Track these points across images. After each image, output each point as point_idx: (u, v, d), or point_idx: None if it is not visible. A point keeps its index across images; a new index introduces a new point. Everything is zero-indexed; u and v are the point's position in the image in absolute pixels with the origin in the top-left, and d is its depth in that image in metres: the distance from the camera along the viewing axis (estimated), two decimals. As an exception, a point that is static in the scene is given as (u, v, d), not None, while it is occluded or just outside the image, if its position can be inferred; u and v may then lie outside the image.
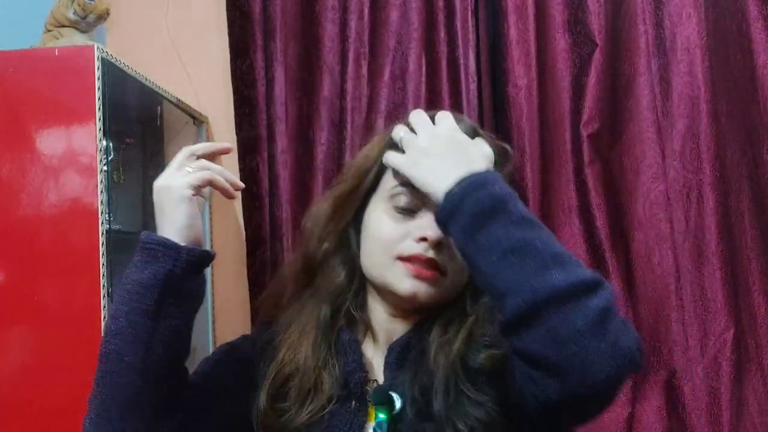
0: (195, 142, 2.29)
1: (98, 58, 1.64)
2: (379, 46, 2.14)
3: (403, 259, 0.85)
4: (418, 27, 2.11)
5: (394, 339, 0.89)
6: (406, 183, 0.85)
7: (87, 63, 1.64)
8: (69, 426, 1.59)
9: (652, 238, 1.99)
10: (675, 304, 1.97)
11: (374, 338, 0.92)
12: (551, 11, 2.06)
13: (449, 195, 0.77)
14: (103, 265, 1.61)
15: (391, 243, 0.86)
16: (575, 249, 2.03)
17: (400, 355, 0.87)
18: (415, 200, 0.85)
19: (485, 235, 0.74)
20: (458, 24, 2.08)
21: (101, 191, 1.62)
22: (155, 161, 2.32)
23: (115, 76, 1.75)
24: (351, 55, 2.13)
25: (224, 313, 2.30)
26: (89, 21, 1.79)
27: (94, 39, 1.82)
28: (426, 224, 0.84)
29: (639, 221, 2.01)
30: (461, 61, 2.07)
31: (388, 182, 0.89)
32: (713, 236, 1.95)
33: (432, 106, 2.10)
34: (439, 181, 0.79)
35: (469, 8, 2.08)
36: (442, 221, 0.78)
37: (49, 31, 1.79)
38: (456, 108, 2.08)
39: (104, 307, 1.60)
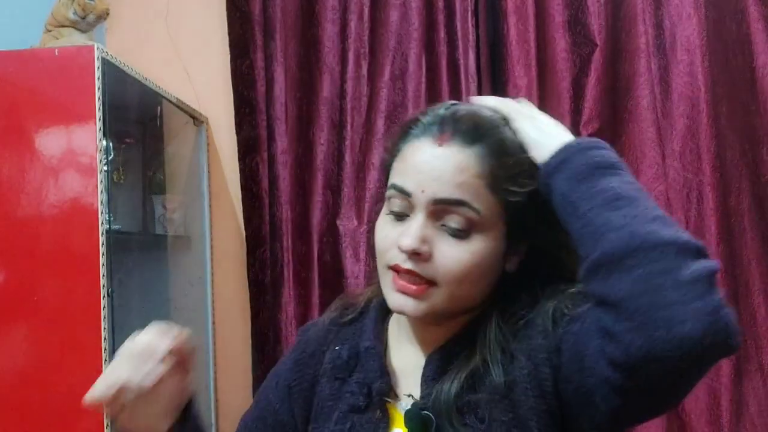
0: (195, 142, 2.31)
1: (98, 58, 1.64)
2: (379, 46, 2.14)
3: (390, 268, 0.79)
4: (418, 27, 2.12)
5: (433, 348, 0.83)
6: (397, 187, 0.79)
7: (87, 63, 1.64)
8: (69, 426, 1.60)
9: (652, 238, 1.99)
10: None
11: (417, 342, 0.86)
12: (551, 11, 2.06)
13: (567, 145, 0.76)
14: (103, 265, 1.61)
15: (383, 250, 0.80)
16: (575, 249, 2.03)
17: (438, 367, 0.80)
18: (406, 204, 0.78)
19: (592, 184, 0.71)
20: (458, 24, 2.08)
21: (101, 191, 1.62)
22: (155, 161, 2.32)
23: (115, 76, 1.75)
24: (351, 55, 2.13)
25: (224, 313, 2.30)
26: (89, 21, 1.79)
27: (94, 39, 1.82)
28: (406, 230, 0.77)
29: (639, 221, 2.01)
30: (461, 61, 2.07)
31: (389, 182, 0.83)
32: (713, 236, 1.95)
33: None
34: (552, 138, 0.78)
35: (469, 8, 2.08)
36: (550, 170, 0.74)
37: (49, 31, 1.79)
38: (456, 108, 2.08)
39: (104, 307, 1.60)
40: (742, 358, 1.95)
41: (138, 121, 2.25)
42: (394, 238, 0.78)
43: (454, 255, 0.76)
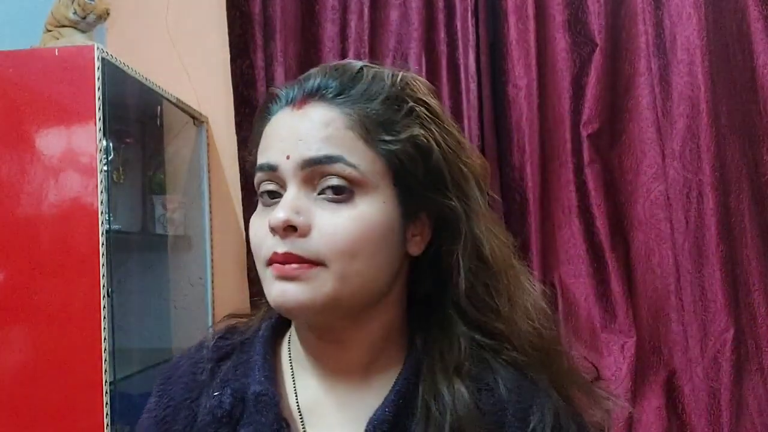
0: (195, 142, 2.31)
1: (98, 58, 1.64)
2: (379, 46, 2.14)
3: (268, 264, 0.65)
4: (418, 27, 2.11)
5: (359, 392, 0.69)
6: (262, 165, 0.67)
7: (87, 63, 1.64)
8: (69, 426, 1.60)
9: (652, 238, 2.00)
10: (675, 304, 1.97)
11: (320, 370, 0.71)
12: (551, 11, 2.06)
13: None
14: (103, 265, 1.61)
15: (258, 245, 0.67)
16: (575, 249, 2.03)
17: None
18: (276, 182, 0.67)
19: None
20: (458, 24, 2.08)
21: (101, 191, 1.62)
22: (155, 161, 2.32)
23: (115, 76, 1.75)
24: (351, 55, 2.13)
25: (224, 313, 2.29)
26: (89, 21, 1.79)
27: (94, 39, 1.82)
28: (275, 208, 0.64)
29: (639, 221, 2.01)
30: (461, 61, 2.07)
31: (255, 171, 0.70)
32: (713, 236, 1.95)
33: (432, 106, 2.10)
34: None
35: (469, 8, 2.08)
36: None
37: (49, 31, 1.79)
38: (456, 108, 2.08)
39: (104, 307, 1.60)
40: (743, 358, 1.95)
41: (138, 121, 2.25)
42: (266, 225, 0.65)
43: (336, 222, 0.63)
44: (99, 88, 1.64)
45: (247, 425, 0.68)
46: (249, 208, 2.17)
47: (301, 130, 0.65)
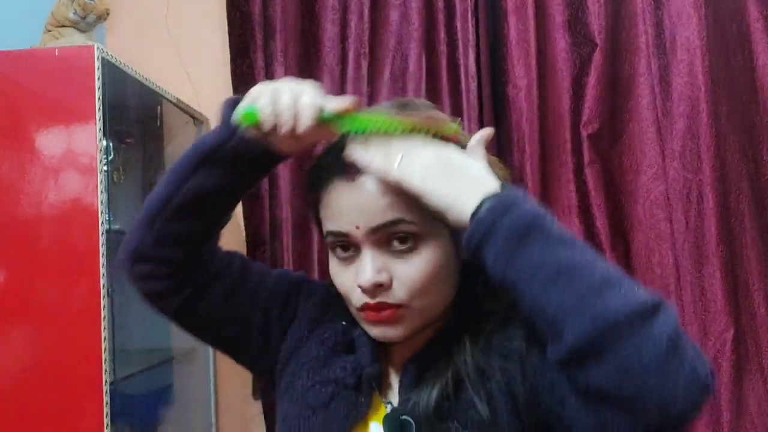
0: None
1: (98, 58, 1.64)
2: (379, 46, 2.14)
3: (360, 310, 0.80)
4: (418, 27, 2.12)
5: (408, 357, 0.83)
6: (334, 233, 0.80)
7: (87, 63, 1.64)
8: (69, 426, 1.60)
9: (652, 238, 2.00)
10: (675, 304, 1.97)
11: (388, 358, 0.87)
12: (551, 11, 2.06)
13: (477, 220, 0.69)
14: (103, 265, 1.61)
15: (348, 295, 0.81)
16: (575, 249, 2.03)
17: (416, 376, 0.81)
18: (349, 244, 0.79)
19: (526, 258, 0.67)
20: (458, 24, 2.08)
21: (101, 191, 1.62)
22: (155, 161, 2.32)
23: (115, 76, 1.75)
24: (351, 55, 2.13)
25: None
26: (89, 21, 1.79)
27: (94, 39, 1.82)
28: (360, 270, 0.78)
29: (639, 221, 2.01)
30: (461, 61, 2.07)
31: (324, 231, 0.83)
32: (713, 236, 1.95)
33: (432, 106, 2.10)
34: (458, 203, 0.71)
35: (469, 8, 2.08)
36: (473, 248, 0.70)
37: (49, 31, 1.79)
38: (456, 108, 2.08)
39: (104, 307, 1.60)
40: (743, 358, 1.95)
41: (138, 121, 2.25)
42: (352, 280, 0.79)
43: (410, 271, 0.77)
44: (99, 88, 1.64)
45: (352, 354, 0.85)
46: (249, 208, 2.18)
47: (362, 202, 0.77)
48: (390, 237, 0.77)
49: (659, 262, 1.99)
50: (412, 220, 0.76)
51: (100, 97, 1.64)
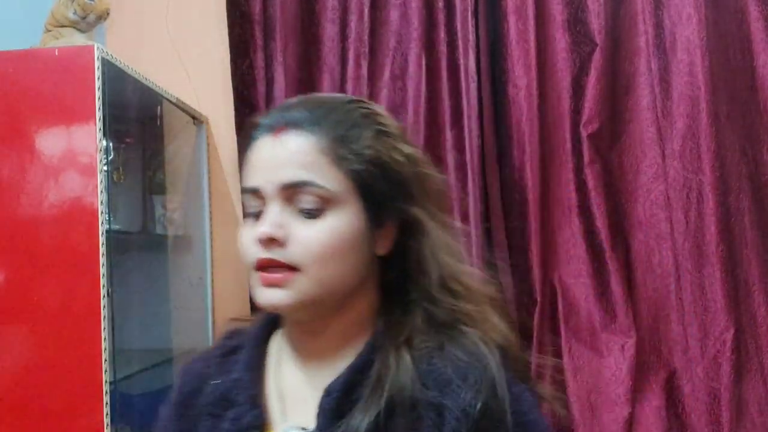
0: (195, 142, 2.31)
1: (98, 58, 1.64)
2: (379, 46, 2.14)
3: (255, 268, 0.77)
4: (418, 27, 2.11)
5: (318, 359, 0.80)
6: (247, 188, 0.79)
7: (87, 63, 1.64)
8: (69, 426, 1.60)
9: (652, 238, 2.00)
10: (675, 304, 1.97)
11: (300, 357, 0.83)
12: (551, 11, 2.06)
13: None
14: (103, 265, 1.61)
15: (245, 253, 0.79)
16: (575, 249, 2.03)
17: (340, 400, 0.75)
18: (260, 202, 0.78)
19: None
20: (458, 24, 2.08)
21: (101, 191, 1.63)
22: (155, 161, 2.32)
23: (115, 76, 1.75)
24: (351, 55, 2.13)
25: (224, 313, 2.30)
26: (89, 21, 1.79)
27: (94, 39, 1.82)
28: (260, 222, 0.77)
29: (639, 221, 2.01)
30: (461, 61, 2.07)
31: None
32: (713, 236, 1.95)
33: (432, 106, 2.10)
34: None
35: (469, 8, 2.08)
36: None
37: (49, 31, 1.79)
38: (456, 108, 2.08)
39: (104, 306, 1.60)
40: (743, 358, 1.95)
41: (138, 121, 2.25)
42: (250, 236, 0.78)
43: (310, 234, 0.76)
44: (99, 88, 1.64)
45: (236, 407, 0.80)
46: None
47: (279, 157, 0.77)
48: (299, 197, 0.76)
49: (659, 262, 1.99)
50: (323, 185, 0.76)
51: (100, 97, 1.64)
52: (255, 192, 0.78)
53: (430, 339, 0.78)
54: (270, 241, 0.75)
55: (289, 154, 0.77)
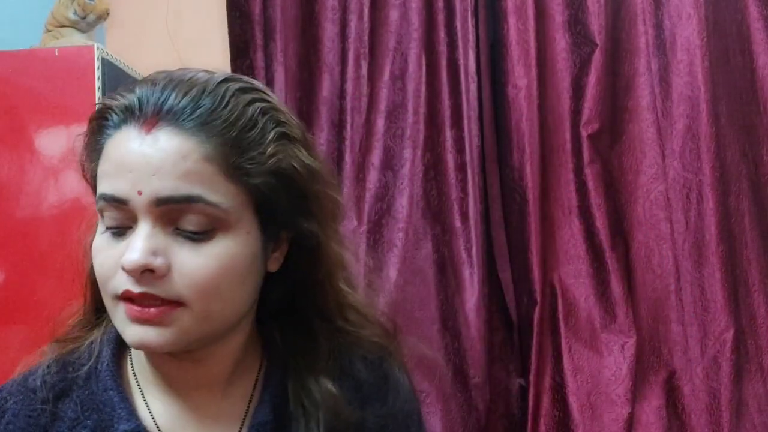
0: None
1: (98, 58, 1.64)
2: (379, 46, 2.14)
3: (119, 298, 0.61)
4: (418, 27, 2.11)
5: (223, 400, 0.68)
6: (107, 196, 0.62)
7: (87, 63, 1.64)
8: (69, 426, 1.60)
9: (652, 238, 2.00)
10: (675, 304, 1.97)
11: (172, 386, 0.68)
12: (551, 11, 2.06)
13: None
14: (103, 265, 1.61)
15: (105, 278, 0.61)
16: (575, 249, 2.03)
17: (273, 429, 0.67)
18: (124, 215, 0.61)
19: None
20: (458, 24, 2.08)
21: (101, 191, 1.62)
22: (155, 161, 2.32)
23: (115, 76, 1.74)
24: (351, 55, 2.13)
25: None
26: (89, 21, 1.79)
27: (94, 39, 1.82)
28: (130, 246, 0.59)
29: (639, 221, 2.01)
30: (461, 61, 2.07)
31: (97, 195, 0.64)
32: (713, 236, 1.95)
33: (432, 106, 2.10)
34: None
35: (469, 8, 2.08)
36: None
37: (49, 31, 1.79)
38: (456, 108, 2.08)
39: (104, 307, 1.60)
40: (743, 358, 1.95)
41: (138, 121, 2.25)
42: (115, 259, 0.60)
43: (196, 263, 0.60)
44: (99, 88, 1.64)
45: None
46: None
47: (154, 163, 0.59)
48: (180, 216, 0.60)
49: (659, 262, 1.99)
50: (216, 201, 0.60)
51: (100, 97, 1.64)
52: (118, 203, 0.60)
53: (330, 358, 0.71)
54: (145, 273, 0.59)
55: (167, 158, 0.59)
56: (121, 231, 0.61)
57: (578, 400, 1.97)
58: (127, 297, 0.60)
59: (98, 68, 1.64)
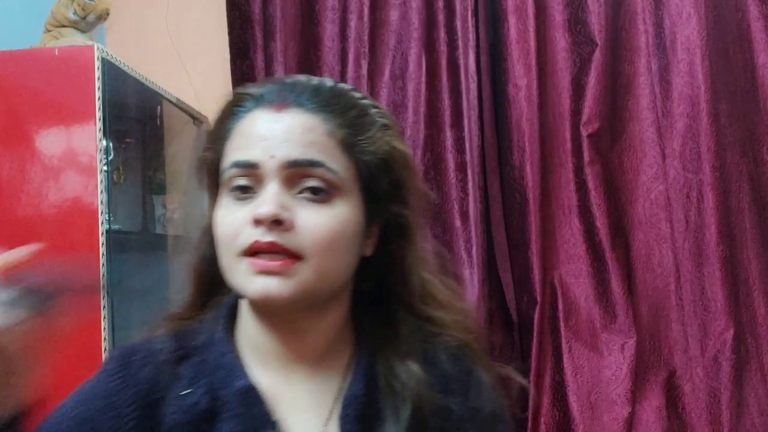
0: (195, 142, 2.30)
1: (98, 58, 1.65)
2: (379, 46, 2.14)
3: (245, 253, 0.67)
4: (418, 27, 2.11)
5: (345, 384, 0.74)
6: (240, 162, 0.69)
7: (87, 63, 1.64)
8: (69, 426, 1.60)
9: (652, 237, 2.00)
10: (675, 304, 1.97)
11: (282, 362, 0.75)
12: (551, 11, 2.06)
13: None
14: (103, 265, 1.61)
15: (231, 236, 0.68)
16: (575, 249, 2.04)
17: (364, 409, 0.72)
18: (253, 179, 0.69)
19: None
20: (458, 24, 2.08)
21: (101, 191, 1.63)
22: (155, 161, 2.32)
23: (115, 76, 1.75)
24: (351, 55, 2.13)
25: (224, 313, 2.29)
26: (89, 21, 1.79)
27: (94, 39, 1.82)
28: (261, 201, 0.67)
29: (639, 221, 2.01)
30: (461, 61, 2.07)
31: (225, 165, 0.72)
32: (713, 236, 1.95)
33: (432, 106, 2.10)
34: None
35: (469, 8, 2.08)
36: None
37: (49, 31, 1.79)
38: (456, 108, 2.08)
39: (104, 306, 1.60)
40: (743, 358, 1.95)
41: (138, 121, 2.25)
42: (243, 217, 0.68)
43: (318, 221, 0.68)
44: (99, 88, 1.64)
45: (229, 420, 0.70)
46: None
47: (285, 132, 0.69)
48: (303, 180, 0.68)
49: (659, 261, 1.99)
50: (334, 168, 0.69)
51: (100, 97, 1.64)
52: (250, 167, 0.68)
53: (417, 348, 0.76)
54: (274, 223, 0.66)
55: (294, 130, 0.69)
56: (246, 197, 0.69)
57: (578, 400, 1.97)
58: (254, 250, 0.67)
59: (98, 68, 1.64)
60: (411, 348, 0.76)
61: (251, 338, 0.75)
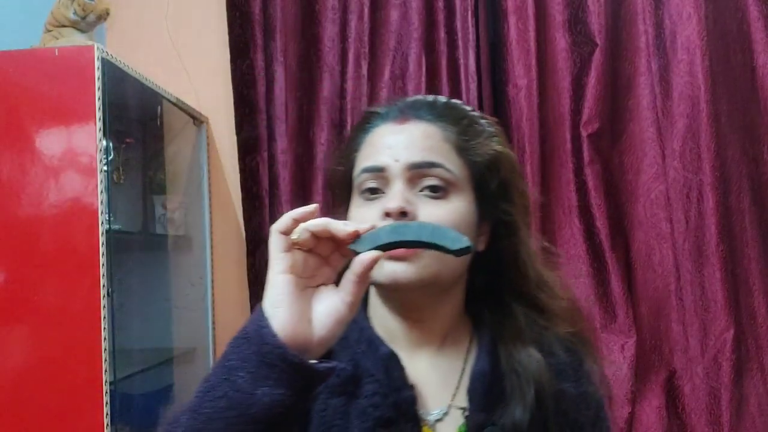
0: (195, 142, 2.31)
1: (98, 58, 1.64)
2: (379, 46, 2.14)
3: None
4: (418, 27, 2.12)
5: (468, 365, 0.83)
6: (369, 168, 0.81)
7: (87, 63, 1.64)
8: (69, 426, 1.60)
9: (653, 237, 2.00)
10: (675, 304, 1.97)
11: (406, 346, 0.84)
12: (551, 11, 2.06)
13: None
14: (102, 265, 1.61)
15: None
16: (575, 249, 2.03)
17: (490, 386, 0.80)
18: (381, 181, 0.80)
19: None
20: (458, 24, 2.08)
21: (101, 191, 1.62)
22: (155, 161, 2.32)
23: (115, 76, 1.75)
24: (351, 55, 2.13)
25: (224, 313, 2.30)
26: (89, 21, 1.79)
27: (94, 39, 1.82)
28: (389, 197, 0.78)
29: (639, 221, 2.01)
30: (461, 61, 2.07)
31: (356, 173, 0.83)
32: (713, 236, 1.95)
33: (432, 106, 2.10)
34: None
35: (469, 8, 2.08)
36: None
37: (49, 31, 1.79)
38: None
39: (104, 306, 1.60)
40: (743, 358, 1.95)
41: (138, 121, 2.25)
42: (372, 214, 0.78)
43: (438, 212, 0.78)
44: (99, 88, 1.64)
45: (372, 383, 0.80)
46: (249, 208, 2.18)
47: (407, 140, 0.81)
48: (423, 179, 0.79)
49: (659, 261, 1.99)
50: (451, 168, 0.80)
51: (100, 97, 1.64)
52: (378, 171, 0.80)
53: (533, 337, 0.84)
54: (401, 215, 0.76)
55: (415, 138, 0.81)
56: (375, 197, 0.80)
57: (578, 400, 1.97)
58: None
59: (98, 68, 1.64)
60: (528, 336, 0.83)
61: (382, 321, 0.85)
